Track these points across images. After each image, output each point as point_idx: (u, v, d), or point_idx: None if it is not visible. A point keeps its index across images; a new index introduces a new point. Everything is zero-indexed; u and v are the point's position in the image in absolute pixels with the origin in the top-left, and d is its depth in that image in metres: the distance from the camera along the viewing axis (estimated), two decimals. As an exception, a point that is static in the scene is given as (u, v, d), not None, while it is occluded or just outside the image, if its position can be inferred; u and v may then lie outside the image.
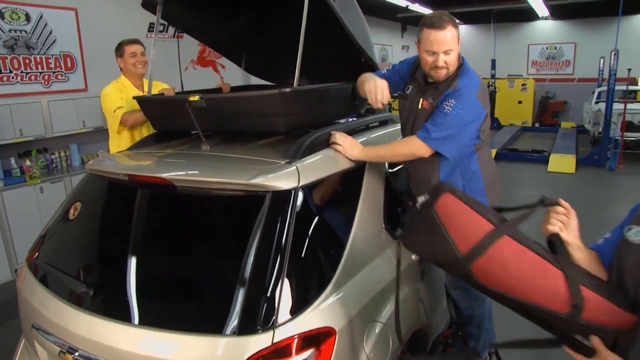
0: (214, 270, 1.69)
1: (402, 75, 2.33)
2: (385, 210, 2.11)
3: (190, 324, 1.53)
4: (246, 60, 3.36)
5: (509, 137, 11.33)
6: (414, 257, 2.23)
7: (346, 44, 2.46)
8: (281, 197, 1.64)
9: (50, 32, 4.79)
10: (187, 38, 3.50)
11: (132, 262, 1.78)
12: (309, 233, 1.73)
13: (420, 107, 2.18)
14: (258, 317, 1.46)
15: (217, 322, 1.50)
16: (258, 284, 1.52)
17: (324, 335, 1.54)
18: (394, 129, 2.67)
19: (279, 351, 1.44)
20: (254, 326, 1.45)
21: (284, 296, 1.50)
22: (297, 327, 1.49)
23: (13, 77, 4.53)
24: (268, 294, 1.49)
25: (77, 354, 1.63)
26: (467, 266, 1.33)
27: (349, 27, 2.36)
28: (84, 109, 4.95)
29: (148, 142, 2.48)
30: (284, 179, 1.67)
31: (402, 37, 14.22)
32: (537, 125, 13.78)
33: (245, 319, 1.47)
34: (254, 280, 1.53)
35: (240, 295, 1.51)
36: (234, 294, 1.52)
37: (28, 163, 4.53)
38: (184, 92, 2.98)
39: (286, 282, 1.52)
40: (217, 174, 1.79)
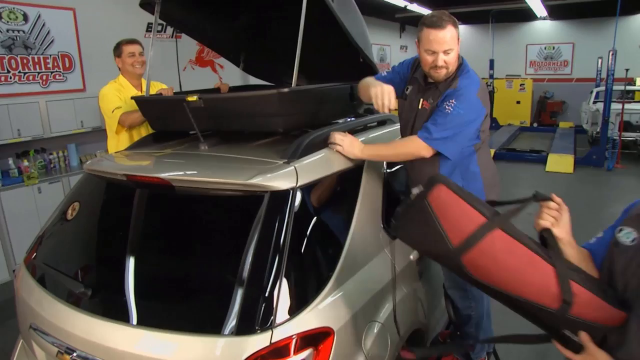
0: (212, 270, 1.68)
1: (403, 77, 2.33)
2: (384, 210, 2.12)
3: (188, 324, 1.53)
4: (244, 61, 3.36)
5: (507, 137, 11.35)
6: (412, 257, 2.24)
7: (344, 44, 2.46)
8: (279, 197, 1.64)
9: (48, 32, 4.78)
10: (186, 38, 3.50)
11: (130, 262, 1.78)
12: (307, 233, 1.73)
13: (420, 107, 2.18)
14: (256, 317, 1.46)
15: (215, 322, 1.50)
16: (256, 284, 1.52)
17: (323, 335, 1.54)
18: (393, 128, 2.67)
19: (277, 351, 1.44)
20: (252, 326, 1.45)
21: (283, 296, 1.50)
22: (295, 327, 1.49)
23: (11, 77, 4.52)
24: (266, 294, 1.49)
25: (75, 354, 1.63)
26: (459, 258, 1.33)
27: (348, 27, 2.36)
28: (82, 109, 4.94)
29: (146, 142, 2.48)
30: (282, 179, 1.67)
31: (400, 37, 14.23)
32: (535, 125, 13.80)
33: (244, 319, 1.47)
34: (252, 280, 1.52)
35: (239, 295, 1.51)
36: (233, 294, 1.52)
37: (26, 163, 4.52)
38: (182, 92, 2.98)
39: (284, 282, 1.52)
40: (216, 174, 1.79)
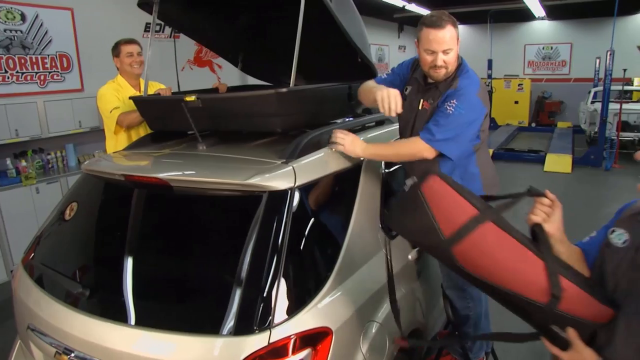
0: (211, 270, 1.68)
1: (403, 78, 2.32)
2: (382, 210, 2.12)
3: (186, 324, 1.53)
4: (243, 61, 3.36)
5: (506, 137, 11.37)
6: (410, 256, 2.24)
7: (343, 44, 2.45)
8: (277, 197, 1.64)
9: (46, 32, 4.77)
10: (184, 38, 3.50)
11: (129, 262, 1.78)
12: (306, 233, 1.73)
13: (420, 108, 2.17)
14: (255, 317, 1.46)
15: (213, 322, 1.50)
16: (255, 284, 1.52)
17: (321, 335, 1.54)
18: (391, 128, 2.67)
19: (275, 351, 1.44)
20: (250, 326, 1.45)
21: (281, 296, 1.50)
22: (293, 327, 1.49)
23: (8, 77, 4.51)
24: (264, 294, 1.49)
25: (72, 354, 1.62)
26: (450, 249, 1.33)
27: (346, 27, 2.36)
28: (80, 109, 4.93)
29: (144, 143, 2.48)
30: (280, 179, 1.67)
31: (398, 37, 14.24)
32: (533, 125, 13.82)
33: (242, 319, 1.47)
34: (251, 280, 1.52)
35: (237, 295, 1.51)
36: (231, 294, 1.51)
37: (24, 163, 4.52)
38: (180, 92, 2.97)
39: (283, 282, 1.52)
40: (214, 174, 1.79)
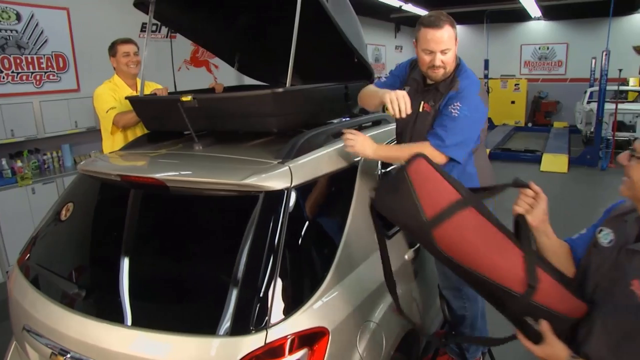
0: (207, 270, 1.68)
1: (402, 80, 2.32)
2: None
3: (183, 324, 1.53)
4: (239, 61, 3.36)
5: (502, 137, 11.39)
6: (407, 256, 2.24)
7: (339, 45, 2.46)
8: (274, 197, 1.64)
9: (42, 32, 4.76)
10: (180, 38, 3.49)
11: (125, 263, 1.77)
12: (302, 233, 1.73)
13: (421, 110, 2.15)
14: (251, 317, 1.46)
15: (210, 323, 1.50)
16: (251, 284, 1.52)
17: (317, 335, 1.54)
18: (388, 128, 2.68)
19: (272, 351, 1.44)
20: (247, 326, 1.45)
21: (277, 296, 1.50)
22: (290, 327, 1.49)
23: (4, 77, 4.49)
24: (261, 294, 1.49)
25: (68, 355, 1.62)
26: (430, 231, 1.35)
27: (342, 28, 2.36)
28: (76, 109, 4.92)
29: (140, 143, 2.47)
30: (276, 179, 1.67)
31: (395, 37, 14.25)
32: (529, 125, 13.87)
33: (238, 319, 1.47)
34: (247, 281, 1.52)
35: (233, 295, 1.51)
36: (227, 295, 1.51)
37: (19, 164, 4.50)
38: (176, 92, 2.97)
39: (279, 282, 1.52)
40: (210, 174, 1.79)
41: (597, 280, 1.26)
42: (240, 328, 1.45)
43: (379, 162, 2.27)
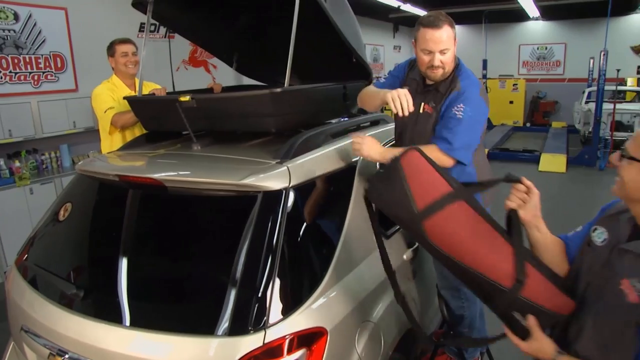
0: (205, 270, 1.68)
1: (401, 80, 2.32)
2: (377, 210, 2.12)
3: (181, 325, 1.52)
4: (237, 61, 3.36)
5: (501, 137, 11.40)
6: (405, 256, 2.24)
7: (337, 45, 2.46)
8: (272, 197, 1.64)
9: (40, 32, 4.75)
10: (179, 38, 3.49)
11: (123, 263, 1.77)
12: (300, 233, 1.73)
13: (421, 111, 2.14)
14: (249, 317, 1.46)
15: (208, 323, 1.50)
16: (249, 284, 1.52)
17: (316, 336, 1.54)
18: (386, 128, 2.68)
19: (270, 351, 1.44)
20: (245, 327, 1.45)
21: (276, 296, 1.50)
22: (288, 327, 1.49)
23: (2, 77, 4.48)
24: (259, 295, 1.49)
25: (66, 356, 1.62)
26: (421, 223, 1.36)
27: (340, 28, 2.36)
28: (74, 109, 4.91)
29: (139, 143, 2.47)
30: (275, 179, 1.67)
31: (394, 37, 14.26)
32: (528, 125, 13.88)
33: (237, 319, 1.47)
34: (246, 281, 1.52)
35: (232, 295, 1.51)
36: (226, 295, 1.51)
37: (17, 164, 4.49)
38: (175, 93, 2.97)
39: (277, 282, 1.52)
40: (208, 175, 1.79)
41: (589, 279, 1.27)
42: (238, 328, 1.45)
43: (378, 163, 2.26)
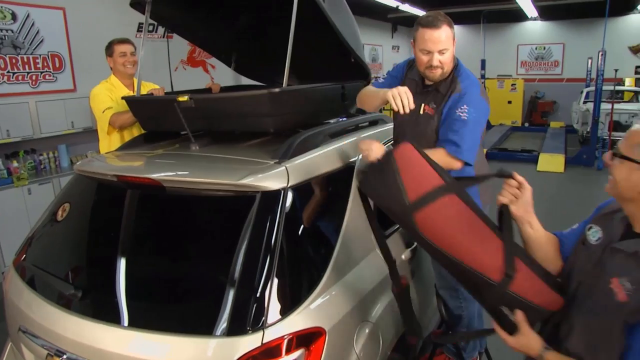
0: (204, 271, 1.68)
1: (399, 80, 2.32)
2: (375, 210, 2.12)
3: (179, 325, 1.52)
4: (236, 61, 3.36)
5: (499, 137, 11.41)
6: (403, 256, 2.24)
7: (336, 45, 2.46)
8: (270, 197, 1.64)
9: (38, 32, 4.74)
10: (177, 38, 3.48)
11: (121, 263, 1.77)
12: (299, 233, 1.73)
13: (422, 112, 2.14)
14: (248, 317, 1.46)
15: (206, 323, 1.49)
16: (248, 284, 1.52)
17: (314, 336, 1.54)
18: (384, 128, 2.68)
19: (268, 351, 1.44)
20: (243, 327, 1.45)
21: (274, 296, 1.50)
22: (287, 327, 1.49)
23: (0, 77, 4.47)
24: (258, 295, 1.49)
25: (65, 356, 1.61)
26: (412, 215, 1.37)
27: (339, 28, 2.36)
28: (72, 110, 4.90)
29: (137, 143, 2.47)
30: (273, 179, 1.67)
31: (392, 37, 14.26)
32: (526, 125, 13.90)
33: (235, 319, 1.47)
34: (244, 281, 1.52)
35: (230, 295, 1.51)
36: (224, 295, 1.51)
37: (15, 164, 4.48)
38: (173, 93, 2.96)
39: (276, 283, 1.52)
40: (207, 175, 1.79)
41: (581, 277, 1.27)
42: (237, 328, 1.45)
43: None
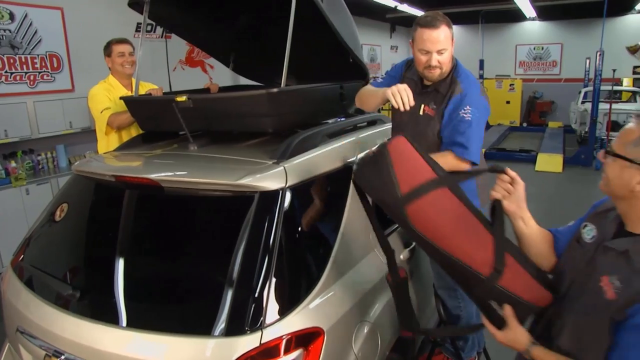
0: (202, 271, 1.68)
1: (398, 79, 2.31)
2: (374, 205, 2.12)
3: (178, 325, 1.52)
4: (234, 61, 3.35)
5: (497, 137, 11.42)
6: (402, 256, 2.25)
7: (334, 45, 2.46)
8: (269, 197, 1.64)
9: (36, 32, 4.73)
10: (176, 38, 3.48)
11: (119, 263, 1.77)
12: (297, 233, 1.73)
13: (421, 113, 2.14)
14: (246, 317, 1.46)
15: (205, 323, 1.49)
16: (246, 284, 1.52)
17: (313, 336, 1.54)
18: (383, 128, 2.68)
19: (267, 352, 1.44)
20: (242, 327, 1.45)
21: (272, 297, 1.50)
22: (285, 327, 1.49)
23: (-3, 77, 4.47)
24: (256, 295, 1.49)
25: (63, 357, 1.61)
26: (403, 207, 1.37)
27: (337, 28, 2.36)
28: (70, 110, 4.89)
29: (135, 143, 2.46)
30: (271, 180, 1.67)
31: (390, 37, 14.27)
32: (524, 125, 13.91)
33: (234, 319, 1.47)
34: (242, 281, 1.52)
35: (229, 296, 1.50)
36: (222, 295, 1.51)
37: (13, 164, 4.47)
38: (171, 93, 2.96)
39: (274, 283, 1.52)
40: (205, 175, 1.79)
41: (573, 275, 1.27)
42: (235, 328, 1.45)
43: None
